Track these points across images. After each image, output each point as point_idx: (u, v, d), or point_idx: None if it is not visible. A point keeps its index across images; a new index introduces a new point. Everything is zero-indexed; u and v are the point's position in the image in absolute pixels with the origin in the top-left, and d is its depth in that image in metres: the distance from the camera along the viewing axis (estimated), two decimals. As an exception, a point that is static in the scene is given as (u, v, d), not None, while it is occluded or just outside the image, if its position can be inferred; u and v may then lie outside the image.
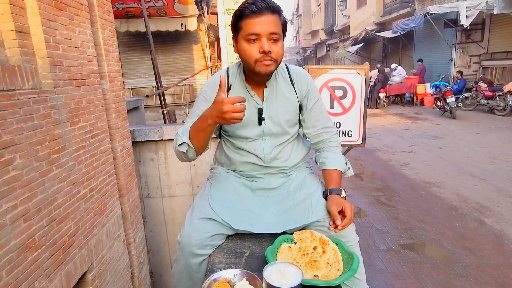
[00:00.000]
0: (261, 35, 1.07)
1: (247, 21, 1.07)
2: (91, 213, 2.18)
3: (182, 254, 1.21)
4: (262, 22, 1.06)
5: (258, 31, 1.06)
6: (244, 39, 1.10)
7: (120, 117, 2.73)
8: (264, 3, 1.06)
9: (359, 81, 2.98)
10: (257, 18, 1.06)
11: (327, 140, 1.33)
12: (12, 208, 1.48)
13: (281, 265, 0.90)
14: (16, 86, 1.59)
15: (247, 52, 1.11)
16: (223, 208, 1.23)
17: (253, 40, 1.08)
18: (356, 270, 0.97)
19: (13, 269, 1.47)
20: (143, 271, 3.07)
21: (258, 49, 1.08)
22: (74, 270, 1.93)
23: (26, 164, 1.59)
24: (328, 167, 1.27)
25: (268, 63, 1.11)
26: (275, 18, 1.08)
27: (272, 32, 1.07)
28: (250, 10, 1.06)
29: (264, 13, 1.06)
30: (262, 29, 1.06)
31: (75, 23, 2.14)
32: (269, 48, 1.08)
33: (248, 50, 1.10)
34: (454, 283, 2.71)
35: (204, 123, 1.08)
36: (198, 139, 1.14)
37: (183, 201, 3.84)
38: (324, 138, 1.33)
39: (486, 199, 4.15)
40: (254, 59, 1.10)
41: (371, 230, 3.64)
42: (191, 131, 1.14)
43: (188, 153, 1.17)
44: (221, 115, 1.01)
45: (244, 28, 1.09)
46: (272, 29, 1.07)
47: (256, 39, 1.08)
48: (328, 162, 1.27)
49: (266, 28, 1.06)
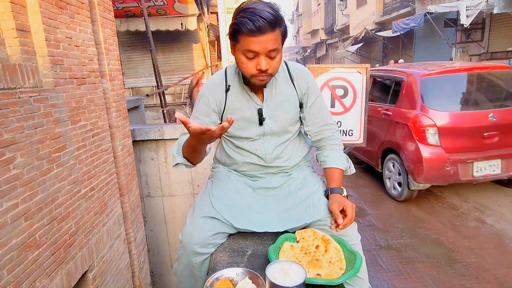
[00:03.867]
0: (259, 54, 1.04)
1: (245, 37, 1.02)
2: (92, 212, 2.17)
3: (184, 252, 1.21)
4: (261, 41, 1.01)
5: (257, 50, 1.03)
6: (242, 53, 1.06)
7: (120, 116, 2.72)
8: (263, 21, 0.98)
9: (360, 80, 2.98)
10: (256, 37, 1.00)
11: (328, 138, 1.32)
12: (13, 207, 1.47)
13: (284, 263, 0.90)
14: (17, 85, 1.59)
15: (243, 66, 1.09)
16: (225, 207, 1.23)
17: (251, 58, 1.06)
18: (359, 269, 0.97)
19: (14, 268, 1.46)
20: (143, 271, 3.06)
21: (255, 66, 1.06)
22: (75, 269, 1.93)
23: (27, 162, 1.58)
24: (329, 165, 1.26)
25: (263, 78, 1.10)
26: (274, 34, 1.02)
27: (271, 50, 1.04)
28: (248, 29, 0.99)
29: (264, 32, 1.00)
30: (260, 48, 1.02)
31: (75, 21, 2.13)
32: (266, 66, 1.05)
33: (245, 64, 1.07)
34: (454, 282, 2.71)
35: (194, 146, 1.07)
36: (193, 157, 1.15)
37: (183, 200, 3.83)
38: (325, 136, 1.32)
39: (486, 198, 4.15)
40: (250, 74, 1.09)
41: (372, 229, 3.64)
42: (184, 151, 1.13)
43: (186, 167, 1.19)
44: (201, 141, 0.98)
45: (242, 43, 1.04)
46: (271, 47, 1.03)
47: (254, 56, 1.05)
48: (329, 160, 1.27)
49: (265, 47, 1.02)
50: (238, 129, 1.24)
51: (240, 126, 1.24)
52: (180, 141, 1.18)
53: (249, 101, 1.23)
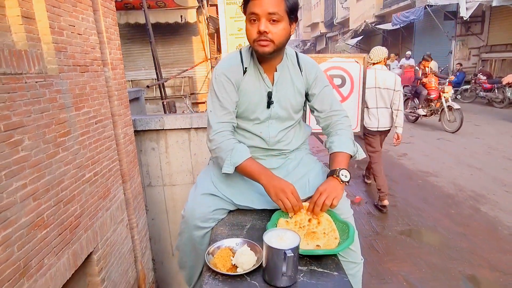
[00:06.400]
0: (260, 15, 1.08)
1: (250, 2, 1.10)
2: (96, 196, 2.24)
3: (186, 227, 1.27)
4: (261, 2, 1.07)
5: (257, 11, 1.08)
6: (248, 20, 1.13)
7: (122, 105, 2.78)
8: None
9: (358, 70, 3.03)
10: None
11: (334, 124, 1.32)
12: (21, 187, 1.54)
13: (280, 231, 0.97)
14: (23, 70, 1.64)
15: (247, 32, 1.14)
16: (225, 185, 1.29)
17: (254, 21, 1.11)
18: (353, 237, 1.03)
19: (23, 245, 1.53)
20: (145, 256, 3.15)
21: (256, 29, 1.10)
22: (81, 250, 2.00)
23: (34, 145, 1.64)
24: (333, 150, 1.25)
25: (264, 43, 1.11)
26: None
27: (271, 12, 1.07)
28: None
29: None
30: (260, 9, 1.08)
31: (78, 10, 2.17)
32: (265, 28, 1.08)
33: (249, 30, 1.13)
34: (448, 266, 2.79)
35: (256, 177, 1.14)
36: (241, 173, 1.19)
37: (184, 189, 3.90)
38: (332, 122, 1.32)
39: (482, 188, 4.22)
40: (252, 39, 1.13)
41: (369, 216, 3.72)
42: (239, 168, 1.16)
43: None
44: (279, 189, 1.09)
45: (247, 9, 1.12)
46: (271, 9, 1.07)
47: (256, 19, 1.10)
48: (334, 146, 1.26)
49: (264, 8, 1.07)
50: (248, 110, 1.27)
51: (250, 107, 1.27)
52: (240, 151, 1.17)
53: (261, 83, 1.26)
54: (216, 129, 1.20)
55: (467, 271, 2.72)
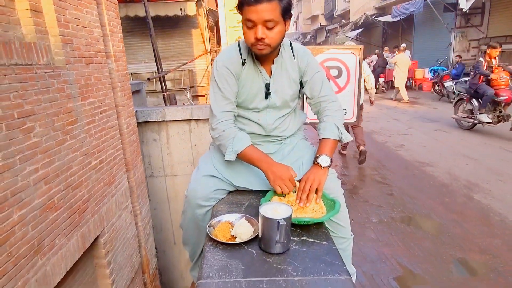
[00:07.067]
0: (256, 23, 1.14)
1: (246, 7, 1.13)
2: (102, 183, 2.35)
3: (189, 206, 1.38)
4: (258, 10, 1.11)
5: (253, 19, 1.14)
6: (244, 23, 1.19)
7: (125, 96, 2.87)
8: None
9: (354, 61, 3.11)
10: (253, 6, 1.11)
11: (323, 110, 1.38)
12: (34, 171, 1.64)
13: (275, 204, 1.07)
14: (33, 61, 1.73)
15: (245, 36, 1.21)
16: (225, 168, 1.39)
17: (250, 27, 1.17)
18: (338, 210, 1.13)
19: (37, 225, 1.64)
20: (149, 242, 3.26)
21: (253, 35, 1.17)
22: (88, 232, 2.11)
23: (45, 132, 1.74)
24: (319, 137, 1.34)
25: (261, 47, 1.19)
26: (271, 5, 1.11)
27: (267, 20, 1.12)
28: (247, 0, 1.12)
29: (260, 1, 1.10)
30: (256, 17, 1.12)
31: (82, 3, 2.25)
32: (262, 35, 1.15)
33: (246, 34, 1.20)
34: (440, 250, 2.91)
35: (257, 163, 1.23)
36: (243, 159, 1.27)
37: (185, 180, 3.99)
38: (321, 108, 1.39)
39: (476, 177, 4.32)
40: (250, 43, 1.20)
41: (365, 204, 3.83)
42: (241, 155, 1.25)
43: None
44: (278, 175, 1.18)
45: (243, 13, 1.17)
46: (267, 17, 1.12)
47: (253, 25, 1.16)
48: (320, 133, 1.33)
49: (261, 16, 1.12)
50: (246, 100, 1.36)
51: (249, 97, 1.35)
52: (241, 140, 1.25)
53: (259, 75, 1.34)
54: (219, 118, 1.29)
55: (458, 255, 2.83)
